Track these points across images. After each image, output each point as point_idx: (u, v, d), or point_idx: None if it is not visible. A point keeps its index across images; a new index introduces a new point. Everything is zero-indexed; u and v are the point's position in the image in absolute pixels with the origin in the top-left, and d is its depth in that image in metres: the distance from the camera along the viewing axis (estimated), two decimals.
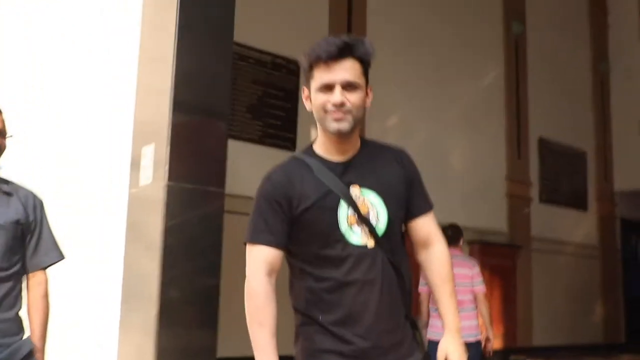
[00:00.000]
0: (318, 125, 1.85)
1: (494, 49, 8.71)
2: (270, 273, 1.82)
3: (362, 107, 1.83)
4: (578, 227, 9.70)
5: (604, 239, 10.08)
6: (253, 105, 6.05)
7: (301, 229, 1.80)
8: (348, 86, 1.78)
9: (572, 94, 9.90)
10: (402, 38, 7.40)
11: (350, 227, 1.79)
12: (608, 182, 10.33)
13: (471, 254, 7.17)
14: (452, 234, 4.98)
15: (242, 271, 6.17)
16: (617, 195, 10.43)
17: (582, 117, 10.08)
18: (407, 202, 1.90)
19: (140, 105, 3.44)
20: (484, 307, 4.88)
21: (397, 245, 1.87)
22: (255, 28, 6.10)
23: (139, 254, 3.30)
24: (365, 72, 1.85)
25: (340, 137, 1.82)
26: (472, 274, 4.89)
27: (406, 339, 1.86)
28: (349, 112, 1.78)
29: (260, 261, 1.82)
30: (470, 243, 7.50)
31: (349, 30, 6.76)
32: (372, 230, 1.80)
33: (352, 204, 1.79)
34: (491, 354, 5.00)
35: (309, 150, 1.91)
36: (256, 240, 1.84)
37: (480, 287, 4.85)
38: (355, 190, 1.81)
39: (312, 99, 1.83)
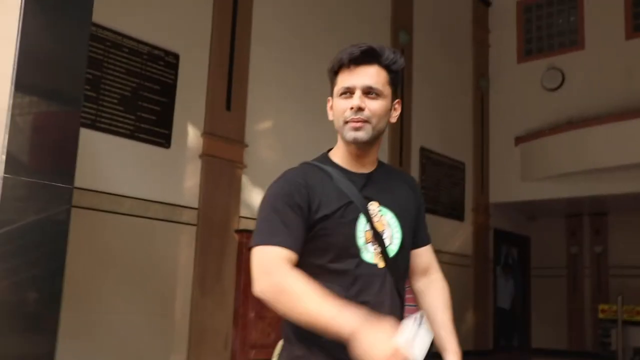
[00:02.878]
0: (338, 135, 1.76)
1: None
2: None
3: (384, 118, 1.73)
4: (455, 237, 9.95)
5: (478, 248, 10.38)
6: (125, 98, 5.61)
7: (316, 237, 1.66)
8: (369, 92, 1.69)
9: (453, 106, 10.17)
10: (288, 41, 7.24)
11: (366, 244, 1.68)
12: (484, 193, 10.65)
13: None
14: None
15: (89, 273, 5.68)
16: (492, 207, 10.77)
17: (462, 129, 10.36)
18: (415, 229, 1.85)
19: None
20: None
21: (403, 273, 1.79)
22: (131, 15, 5.74)
23: None
24: (393, 83, 1.75)
25: (359, 149, 1.73)
26: None
27: None
28: (367, 120, 1.68)
29: (278, 257, 1.60)
30: None
31: (234, 23, 6.51)
32: (383, 251, 1.70)
33: (369, 220, 1.69)
34: None
35: (325, 158, 1.81)
36: (273, 242, 1.62)
37: None
38: (373, 207, 1.73)
39: (334, 106, 1.75)
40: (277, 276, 1.56)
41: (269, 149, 6.78)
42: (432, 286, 1.89)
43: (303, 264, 1.65)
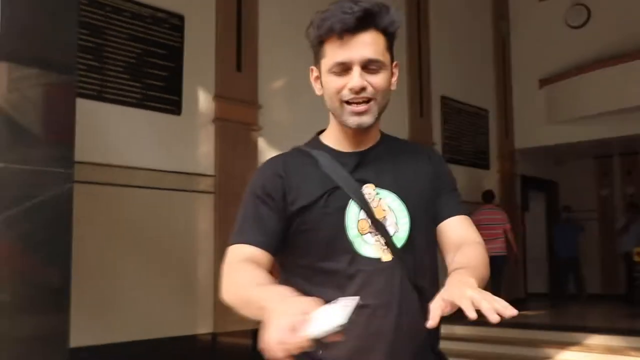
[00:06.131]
0: (331, 115, 1.54)
1: (395, 5, 8.33)
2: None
3: (388, 91, 1.50)
4: (480, 186, 9.65)
5: (505, 196, 10.13)
6: (131, 65, 5.36)
7: (297, 232, 1.46)
8: (370, 66, 1.45)
9: (473, 52, 9.82)
10: None
11: (361, 235, 1.44)
12: (509, 139, 10.36)
13: None
14: (488, 195, 8.54)
15: (107, 251, 5.45)
16: (518, 153, 10.48)
17: (483, 75, 10.02)
18: (434, 205, 1.55)
19: None
20: (511, 235, 8.25)
21: (422, 262, 1.50)
22: None
23: None
24: (390, 47, 1.51)
25: (360, 132, 1.51)
26: (502, 217, 8.27)
27: None
28: (372, 99, 1.45)
29: (238, 257, 1.42)
30: None
31: None
32: (389, 241, 1.45)
33: (365, 206, 1.45)
34: (517, 257, 8.67)
35: (315, 141, 1.59)
36: (240, 240, 1.45)
37: (508, 225, 8.24)
38: (369, 190, 1.48)
39: (324, 82, 1.50)
40: (227, 277, 1.38)
41: (284, 109, 6.55)
42: (462, 250, 1.50)
43: (291, 265, 1.49)
